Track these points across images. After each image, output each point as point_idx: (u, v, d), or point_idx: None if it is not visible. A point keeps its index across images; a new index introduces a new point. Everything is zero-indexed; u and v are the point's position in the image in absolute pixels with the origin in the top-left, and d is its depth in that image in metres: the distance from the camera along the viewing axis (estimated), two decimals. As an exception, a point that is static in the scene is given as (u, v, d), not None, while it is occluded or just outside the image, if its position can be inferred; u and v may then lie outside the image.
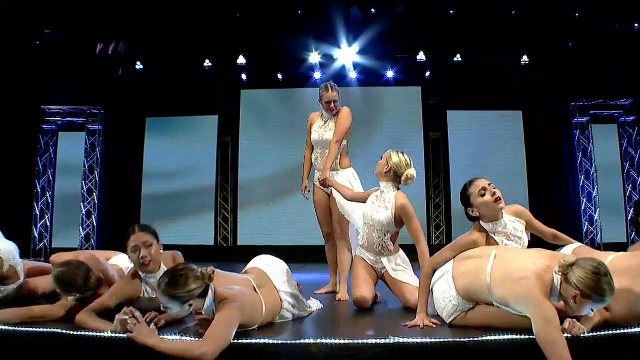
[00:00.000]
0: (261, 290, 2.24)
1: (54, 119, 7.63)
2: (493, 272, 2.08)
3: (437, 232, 7.87)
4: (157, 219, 7.87)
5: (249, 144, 8.07)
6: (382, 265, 2.92)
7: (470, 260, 2.24)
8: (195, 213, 7.91)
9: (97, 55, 7.46)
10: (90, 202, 7.56)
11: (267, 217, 7.84)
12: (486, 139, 7.83)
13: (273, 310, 2.30)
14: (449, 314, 2.24)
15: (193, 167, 8.03)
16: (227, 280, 2.13)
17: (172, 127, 8.11)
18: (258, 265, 2.47)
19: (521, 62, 7.48)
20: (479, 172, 6.83)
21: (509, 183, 7.61)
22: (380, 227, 2.86)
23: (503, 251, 2.20)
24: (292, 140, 8.01)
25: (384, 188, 2.89)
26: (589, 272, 1.86)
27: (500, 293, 2.03)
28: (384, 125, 7.90)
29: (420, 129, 7.92)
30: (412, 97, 7.99)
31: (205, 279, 1.92)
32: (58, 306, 2.27)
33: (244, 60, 7.64)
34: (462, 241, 2.35)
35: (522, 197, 7.40)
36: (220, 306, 1.95)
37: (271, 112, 8.10)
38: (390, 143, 7.91)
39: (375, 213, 2.87)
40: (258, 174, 7.99)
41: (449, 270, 2.28)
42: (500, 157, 7.75)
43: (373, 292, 2.88)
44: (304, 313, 2.57)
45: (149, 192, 7.97)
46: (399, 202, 2.83)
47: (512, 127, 7.83)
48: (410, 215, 2.81)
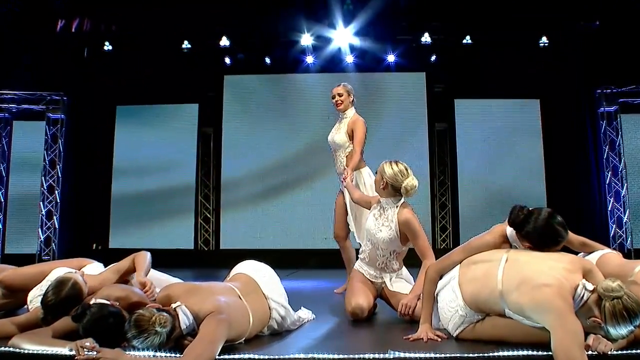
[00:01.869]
0: (248, 298, 2.25)
1: (7, 105, 7.44)
2: (505, 278, 2.09)
3: (442, 235, 7.92)
4: (129, 220, 7.87)
5: (233, 136, 8.05)
6: (383, 281, 2.95)
7: (478, 265, 2.24)
8: (173, 213, 7.88)
9: (59, 34, 7.36)
10: (52, 201, 7.49)
11: (254, 218, 7.83)
12: (499, 131, 7.86)
13: (261, 320, 2.31)
14: (455, 326, 2.25)
15: (170, 162, 8.00)
16: (205, 293, 2.12)
17: (147, 117, 8.07)
18: (244, 271, 2.48)
19: (540, 43, 7.47)
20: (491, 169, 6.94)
21: (525, 180, 7.69)
22: (385, 247, 2.89)
23: (516, 254, 2.20)
24: (282, 132, 8.02)
25: (385, 204, 2.89)
26: (626, 315, 1.87)
27: (515, 300, 2.03)
28: (383, 116, 7.91)
29: (424, 119, 7.93)
30: (416, 84, 8.00)
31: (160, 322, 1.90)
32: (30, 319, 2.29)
33: (227, 42, 7.60)
34: (477, 242, 2.34)
35: (539, 197, 7.45)
36: (204, 321, 1.96)
37: (258, 101, 8.08)
38: (391, 136, 7.95)
39: (378, 232, 2.88)
40: (244, 169, 7.97)
41: (455, 276, 2.28)
42: (514, 151, 7.79)
43: (371, 303, 2.89)
44: (297, 324, 2.58)
45: (120, 191, 7.93)
46: (402, 217, 2.81)
47: (529, 117, 7.86)
48: (415, 230, 2.79)
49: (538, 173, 7.71)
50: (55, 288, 2.25)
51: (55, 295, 2.22)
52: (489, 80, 7.57)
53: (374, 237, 2.91)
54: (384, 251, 2.91)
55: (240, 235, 7.80)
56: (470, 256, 2.31)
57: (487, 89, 7.68)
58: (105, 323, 2.02)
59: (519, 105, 7.89)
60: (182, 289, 2.15)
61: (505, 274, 2.09)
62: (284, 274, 3.59)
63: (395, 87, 8.03)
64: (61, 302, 2.21)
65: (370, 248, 2.96)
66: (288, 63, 7.88)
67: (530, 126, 7.81)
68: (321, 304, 3.49)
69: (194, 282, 2.27)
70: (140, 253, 2.63)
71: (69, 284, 2.26)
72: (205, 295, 2.09)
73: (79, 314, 2.04)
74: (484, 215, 7.48)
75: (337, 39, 7.60)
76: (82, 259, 2.85)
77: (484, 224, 2.63)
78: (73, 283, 2.27)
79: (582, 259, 2.20)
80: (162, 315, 1.93)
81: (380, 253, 2.92)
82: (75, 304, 2.14)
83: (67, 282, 2.27)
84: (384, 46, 7.71)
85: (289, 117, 8.02)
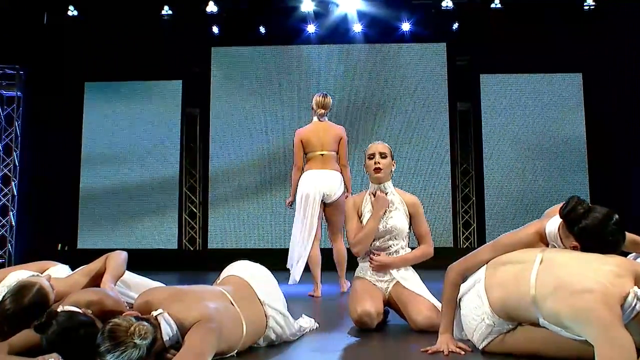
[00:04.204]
0: (241, 304, 2.25)
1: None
2: (539, 281, 2.08)
3: (465, 233, 7.90)
4: (101, 216, 7.90)
5: (223, 118, 8.05)
6: (390, 278, 2.97)
7: (508, 266, 2.23)
8: (153, 208, 7.93)
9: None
10: (7, 194, 7.53)
11: (248, 213, 7.86)
12: (532, 112, 7.85)
13: (257, 329, 2.31)
14: (481, 337, 2.25)
15: (149, 149, 8.02)
16: (191, 299, 2.12)
17: (121, 96, 8.07)
18: (237, 273, 2.48)
19: (584, 6, 7.42)
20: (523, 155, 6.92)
21: (564, 166, 7.69)
22: (398, 234, 3.04)
23: (553, 254, 2.18)
24: (280, 114, 8.02)
25: (389, 188, 3.11)
26: None
27: (550, 308, 2.02)
28: (397, 95, 7.89)
29: (445, 98, 7.92)
30: (435, 57, 7.97)
31: (139, 332, 1.89)
32: None
33: (215, 8, 7.58)
34: (508, 239, 2.32)
35: (581, 185, 7.47)
36: (191, 331, 1.96)
37: (252, 77, 8.07)
38: (406, 118, 7.96)
39: (389, 220, 3.03)
40: (236, 156, 7.98)
41: (481, 279, 2.28)
42: (551, 134, 7.79)
43: (380, 309, 2.89)
44: (297, 334, 2.59)
45: (90, 182, 7.96)
46: (411, 199, 3.10)
47: (569, 94, 7.85)
48: (422, 213, 3.10)
49: (579, 159, 7.72)
50: (15, 294, 2.19)
51: (16, 302, 2.16)
52: (521, 51, 7.54)
53: (383, 230, 2.99)
54: (397, 240, 3.02)
55: (232, 232, 7.83)
56: (499, 255, 2.31)
57: (519, 62, 7.67)
58: (74, 334, 1.97)
59: (557, 80, 7.88)
60: (164, 294, 2.14)
61: (540, 277, 2.09)
62: (283, 277, 3.59)
63: (410, 61, 8.00)
64: (23, 310, 2.15)
65: (376, 245, 3.02)
66: (286, 33, 7.86)
67: (570, 104, 7.81)
68: (325, 311, 3.50)
69: (178, 286, 2.27)
70: (114, 253, 2.62)
71: (33, 290, 2.21)
72: (191, 301, 2.09)
73: (43, 323, 1.98)
74: (515, 210, 7.49)
75: (343, 5, 7.56)
76: (45, 262, 2.79)
77: (515, 221, 2.64)
78: (38, 288, 2.23)
79: (633, 261, 2.17)
80: (142, 325, 1.92)
81: (394, 243, 3.02)
82: (40, 313, 2.07)
83: (31, 287, 2.22)
84: (398, 12, 7.68)
85: (288, 97, 8.01)
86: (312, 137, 4.45)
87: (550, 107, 7.83)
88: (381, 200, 3.02)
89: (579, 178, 7.67)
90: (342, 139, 4.50)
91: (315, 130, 4.48)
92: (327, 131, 4.47)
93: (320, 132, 4.45)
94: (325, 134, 4.45)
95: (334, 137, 4.46)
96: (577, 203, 2.20)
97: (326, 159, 4.42)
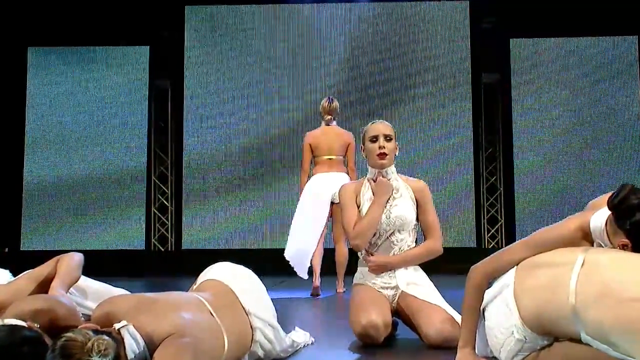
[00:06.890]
0: (221, 313, 2.26)
1: None
2: (581, 288, 2.08)
3: (491, 230, 7.92)
4: (50, 212, 7.89)
5: (199, 92, 8.04)
6: (395, 284, 2.98)
7: (543, 269, 2.24)
8: (115, 201, 7.93)
9: None
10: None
11: (229, 208, 7.88)
12: (575, 84, 7.85)
13: (241, 343, 2.32)
14: (511, 353, 2.25)
15: (110, 130, 8.01)
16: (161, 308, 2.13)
17: (74, 65, 8.05)
18: (217, 277, 2.49)
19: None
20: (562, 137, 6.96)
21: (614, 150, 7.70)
22: (404, 226, 3.03)
23: (597, 254, 2.18)
24: (269, 88, 8.00)
25: (391, 173, 3.13)
26: None
27: (594, 319, 2.03)
28: (411, 63, 7.89)
29: (467, 68, 7.93)
30: (457, 17, 7.97)
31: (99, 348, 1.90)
32: None
33: (189, -42, 7.55)
34: (545, 236, 2.31)
35: (636, 171, 7.48)
36: (161, 346, 1.97)
37: (234, 42, 8.05)
38: (421, 91, 7.94)
39: (394, 208, 3.02)
40: (214, 139, 7.99)
41: (510, 284, 2.28)
42: (599, 111, 7.80)
43: (387, 320, 2.90)
44: (289, 350, 2.61)
45: (36, 171, 7.95)
46: (418, 184, 3.14)
47: (622, 62, 7.86)
48: (430, 200, 3.13)
49: (634, 141, 7.73)
50: None
51: None
52: (560, 10, 7.52)
53: (387, 221, 2.99)
54: (402, 233, 3.03)
55: (211, 230, 7.86)
56: (533, 256, 2.31)
57: (558, 23, 7.64)
58: (16, 352, 1.97)
59: (607, 45, 7.89)
60: (128, 303, 2.15)
61: (581, 282, 2.09)
62: (272, 283, 3.59)
63: (427, 22, 8.00)
64: None
65: (379, 242, 3.03)
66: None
67: (623, 74, 7.84)
68: (322, 323, 3.51)
69: (146, 294, 2.27)
70: (67, 255, 2.62)
71: None
72: (161, 311, 2.09)
73: None
74: (551, 203, 7.52)
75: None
76: None
77: (551, 216, 2.64)
78: None
79: None
80: (102, 340, 1.92)
81: (399, 237, 3.02)
82: None
83: None
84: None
85: (279, 67, 7.99)
86: (321, 141, 5.26)
87: (597, 78, 7.83)
88: (384, 185, 3.03)
89: (634, 163, 7.69)
90: (350, 145, 5.28)
91: (324, 135, 5.29)
92: (335, 137, 5.27)
93: (329, 137, 5.27)
94: (334, 140, 5.25)
95: (342, 144, 5.27)
96: (630, 192, 2.20)
97: (334, 162, 5.23)
